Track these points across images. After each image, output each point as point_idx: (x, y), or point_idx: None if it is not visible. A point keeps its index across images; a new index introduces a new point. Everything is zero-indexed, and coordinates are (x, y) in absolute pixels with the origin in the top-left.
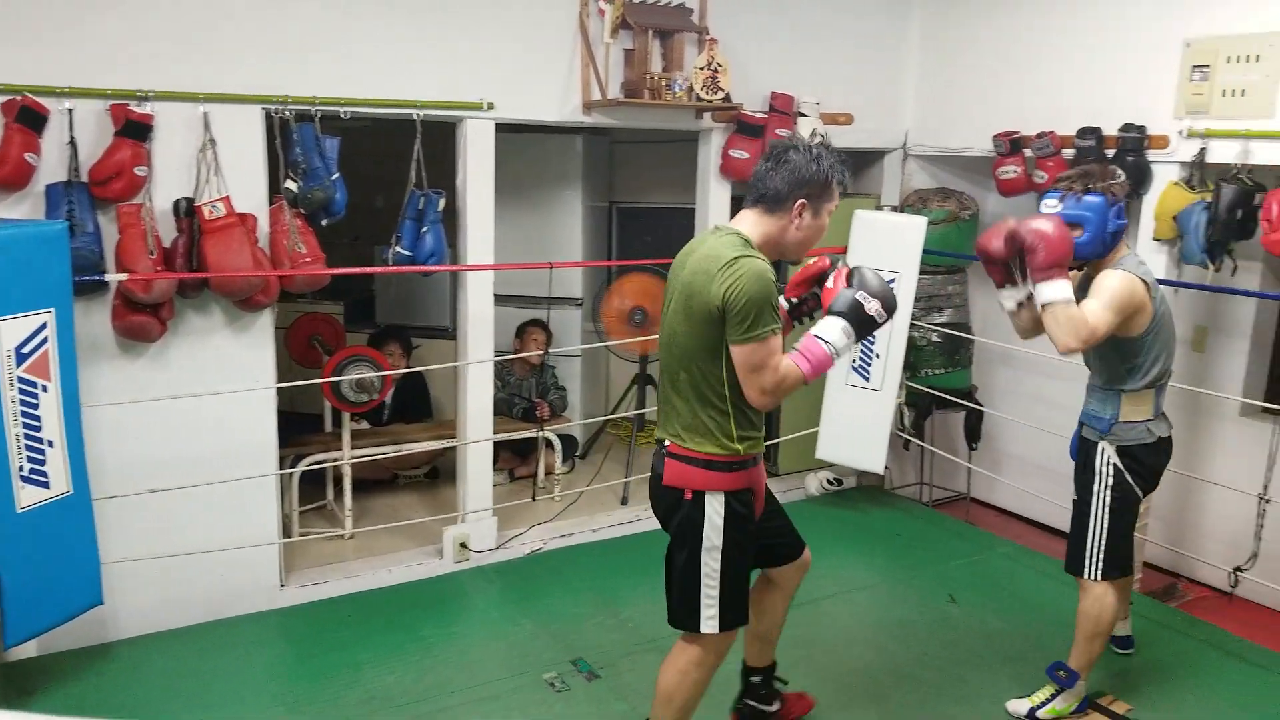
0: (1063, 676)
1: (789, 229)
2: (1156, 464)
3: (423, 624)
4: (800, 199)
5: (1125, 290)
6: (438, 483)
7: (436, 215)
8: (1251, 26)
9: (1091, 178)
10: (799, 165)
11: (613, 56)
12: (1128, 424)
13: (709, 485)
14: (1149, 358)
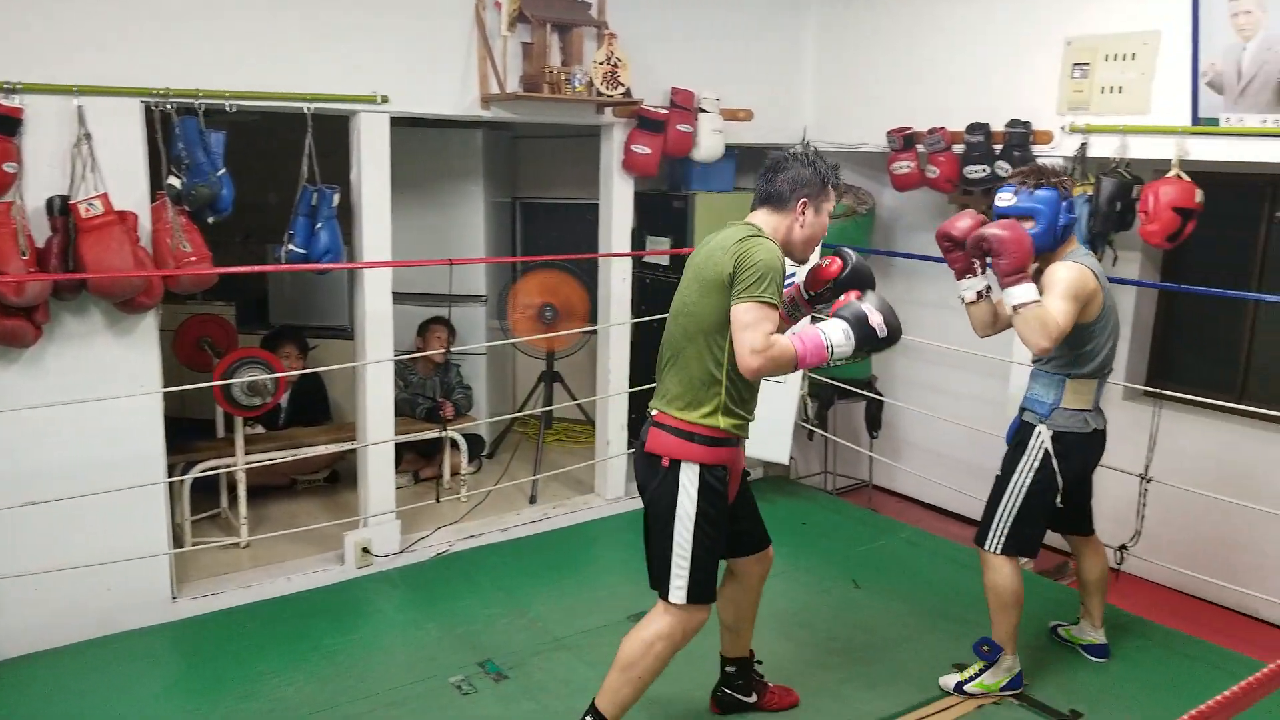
0: (986, 651)
1: (794, 226)
2: (1087, 456)
3: (324, 632)
4: (802, 198)
5: (1078, 280)
6: (338, 487)
7: (331, 211)
8: (1127, 26)
9: (1044, 174)
10: (797, 170)
11: (510, 50)
12: (1068, 411)
13: (686, 455)
14: (1097, 344)
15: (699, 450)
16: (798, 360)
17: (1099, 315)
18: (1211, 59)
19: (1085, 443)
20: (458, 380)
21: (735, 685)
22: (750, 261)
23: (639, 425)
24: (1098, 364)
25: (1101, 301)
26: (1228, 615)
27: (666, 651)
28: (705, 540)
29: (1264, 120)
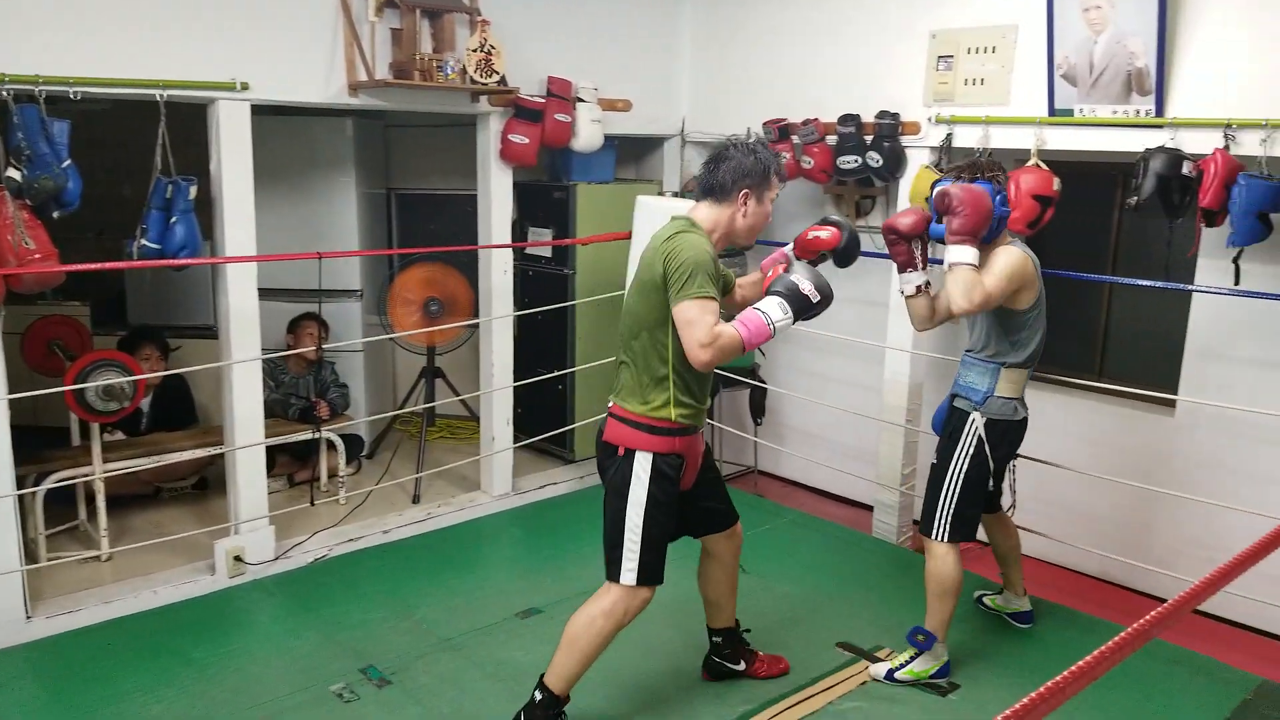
0: (920, 640)
1: (736, 217)
2: (1014, 442)
3: (195, 646)
4: (744, 189)
5: (1018, 264)
6: (207, 493)
7: (187, 204)
8: (987, 20)
9: (979, 168)
10: (740, 160)
11: (379, 36)
12: (1001, 399)
13: (639, 445)
14: (1031, 333)
15: (651, 440)
16: (744, 344)
17: (1034, 304)
18: (1065, 52)
19: (1015, 430)
20: (333, 379)
21: (724, 654)
22: (677, 262)
23: (525, 420)
24: (1030, 353)
25: (1038, 290)
26: (1097, 584)
27: (609, 628)
28: (654, 526)
29: (1114, 111)
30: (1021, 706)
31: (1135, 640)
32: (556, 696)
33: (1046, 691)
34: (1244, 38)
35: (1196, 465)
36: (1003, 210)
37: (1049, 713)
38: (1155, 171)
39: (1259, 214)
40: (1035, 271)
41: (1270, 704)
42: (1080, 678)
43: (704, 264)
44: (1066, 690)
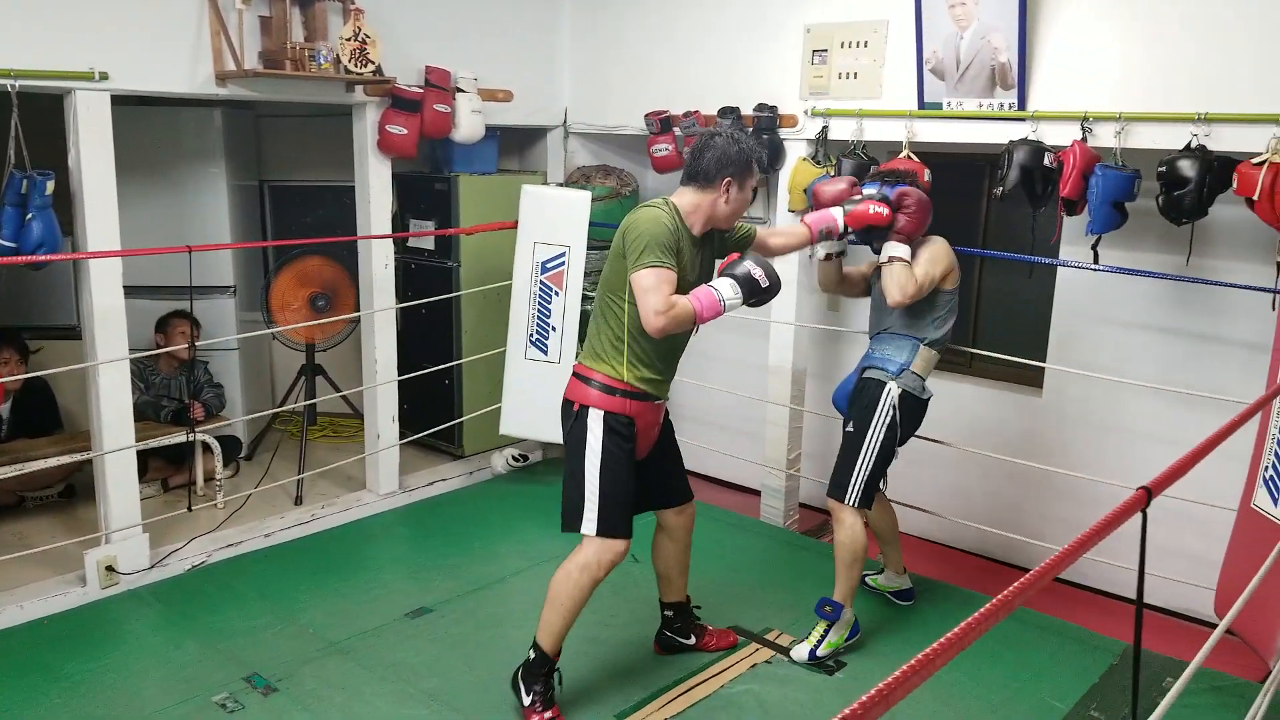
0: (829, 611)
1: (719, 202)
2: (915, 420)
3: (65, 661)
4: (727, 177)
5: (944, 252)
6: (74, 501)
7: (44, 200)
8: (859, 15)
9: (900, 175)
10: (724, 149)
11: (248, 24)
12: (914, 375)
13: (592, 403)
14: (947, 311)
15: (601, 398)
16: (697, 316)
17: (955, 287)
18: (934, 47)
19: (919, 408)
20: (206, 378)
21: (674, 628)
22: (634, 234)
23: (411, 415)
24: (945, 332)
25: (958, 275)
26: (967, 557)
27: (585, 581)
28: (610, 478)
29: (980, 104)
30: (894, 679)
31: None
32: (547, 654)
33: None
34: (1099, 35)
35: (1064, 440)
36: None
37: (919, 684)
38: (1019, 163)
39: (1115, 203)
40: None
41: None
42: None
43: (657, 235)
44: (936, 661)
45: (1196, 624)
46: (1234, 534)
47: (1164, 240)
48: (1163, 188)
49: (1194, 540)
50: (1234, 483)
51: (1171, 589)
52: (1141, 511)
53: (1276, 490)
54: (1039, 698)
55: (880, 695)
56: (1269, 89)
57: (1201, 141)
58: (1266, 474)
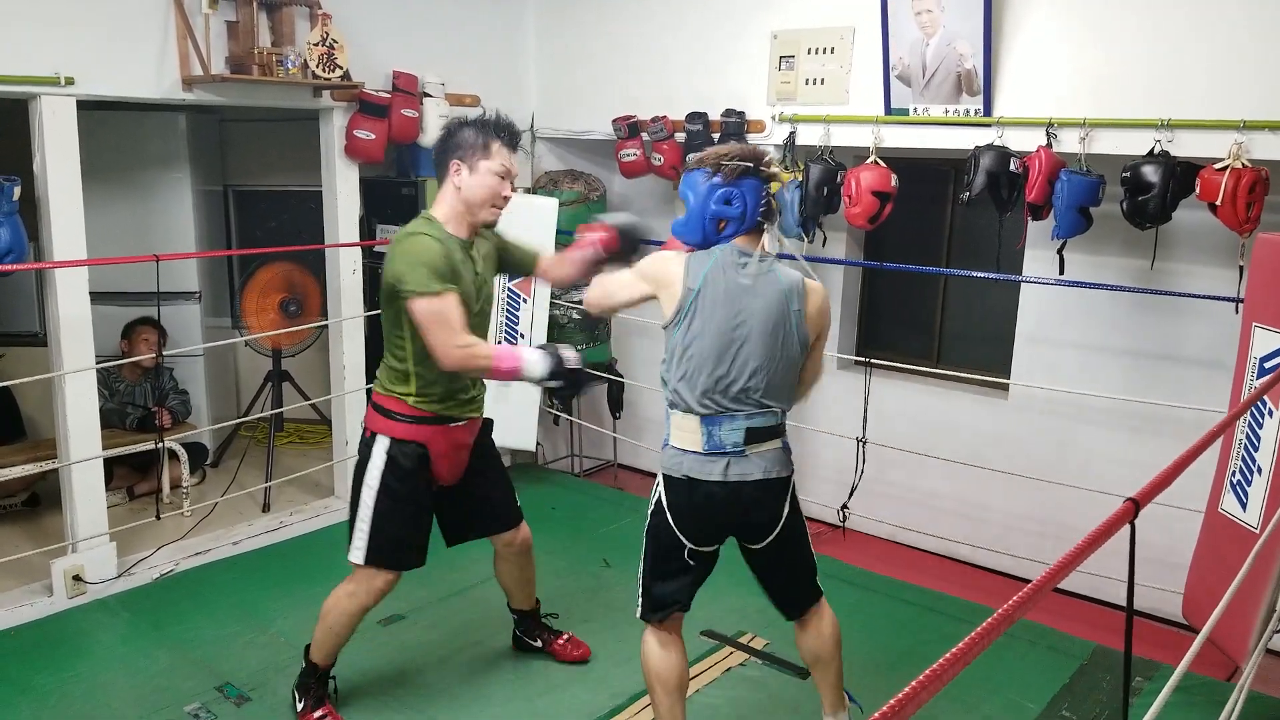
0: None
1: (456, 191)
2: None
3: (33, 672)
4: (454, 159)
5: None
6: (39, 510)
7: (11, 206)
8: (826, 21)
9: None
10: (448, 133)
11: (215, 29)
12: (672, 450)
13: (378, 429)
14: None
15: (387, 424)
16: (490, 367)
17: (677, 319)
18: (900, 54)
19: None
20: (172, 385)
21: (521, 630)
22: (401, 265)
23: None
24: (685, 389)
25: (675, 297)
26: (938, 560)
27: (353, 607)
28: (384, 509)
29: (946, 110)
30: (905, 695)
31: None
32: (316, 665)
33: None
34: (1063, 42)
35: (1028, 446)
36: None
37: (929, 699)
38: (985, 168)
39: (1080, 208)
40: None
41: (1104, 669)
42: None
43: (424, 262)
44: (944, 676)
45: (1159, 623)
46: (1201, 538)
47: (1129, 244)
48: (1127, 193)
49: (1158, 542)
50: (1195, 484)
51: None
52: (1130, 523)
53: (1244, 495)
54: (1010, 699)
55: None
56: (1230, 96)
57: (1165, 147)
58: (1234, 479)
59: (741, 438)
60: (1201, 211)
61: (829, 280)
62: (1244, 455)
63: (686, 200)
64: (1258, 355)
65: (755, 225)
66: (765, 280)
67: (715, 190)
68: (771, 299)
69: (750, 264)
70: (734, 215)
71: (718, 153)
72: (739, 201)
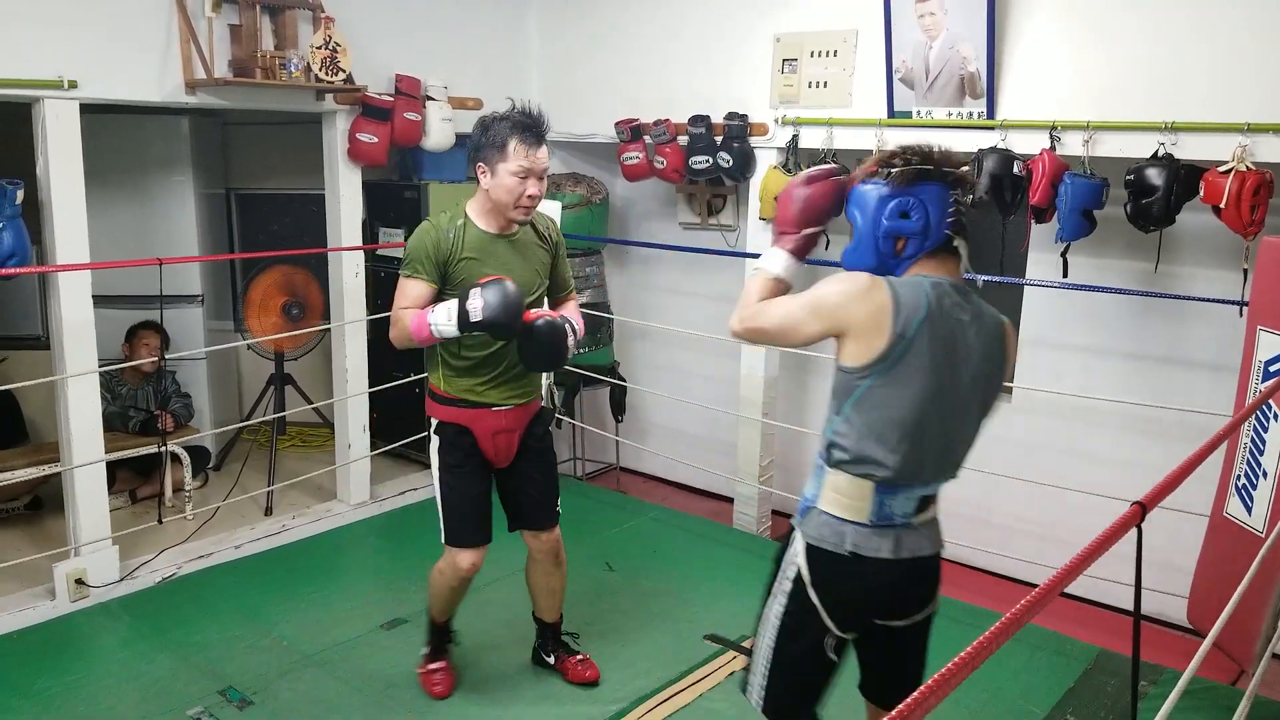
0: None
1: (484, 193)
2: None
3: (36, 676)
4: (479, 163)
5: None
6: (42, 514)
7: (14, 209)
8: (829, 24)
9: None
10: (473, 136)
11: (218, 32)
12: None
13: (430, 412)
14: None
15: (435, 408)
16: (409, 332)
17: (874, 363)
18: (903, 57)
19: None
20: (174, 388)
21: (540, 644)
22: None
23: (381, 425)
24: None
25: (883, 346)
26: (941, 563)
27: (440, 584)
28: (447, 489)
29: (949, 113)
30: (914, 699)
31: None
32: (433, 619)
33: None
34: (1066, 44)
35: (1031, 449)
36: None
37: (936, 705)
38: (988, 171)
39: (1083, 210)
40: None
41: (1108, 673)
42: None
43: (414, 248)
44: (952, 680)
45: (1165, 627)
46: (1206, 542)
47: (1132, 247)
48: (1131, 196)
49: (1163, 546)
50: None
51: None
52: (1137, 527)
53: (1249, 499)
54: (1014, 703)
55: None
56: (1233, 98)
57: (1168, 150)
58: (1239, 482)
59: (914, 507)
60: (1205, 214)
61: None
62: (1249, 459)
63: (855, 222)
64: (1262, 359)
65: (944, 241)
66: (981, 319)
67: (886, 202)
68: (988, 343)
69: (963, 301)
70: (914, 230)
71: (883, 155)
72: (918, 212)
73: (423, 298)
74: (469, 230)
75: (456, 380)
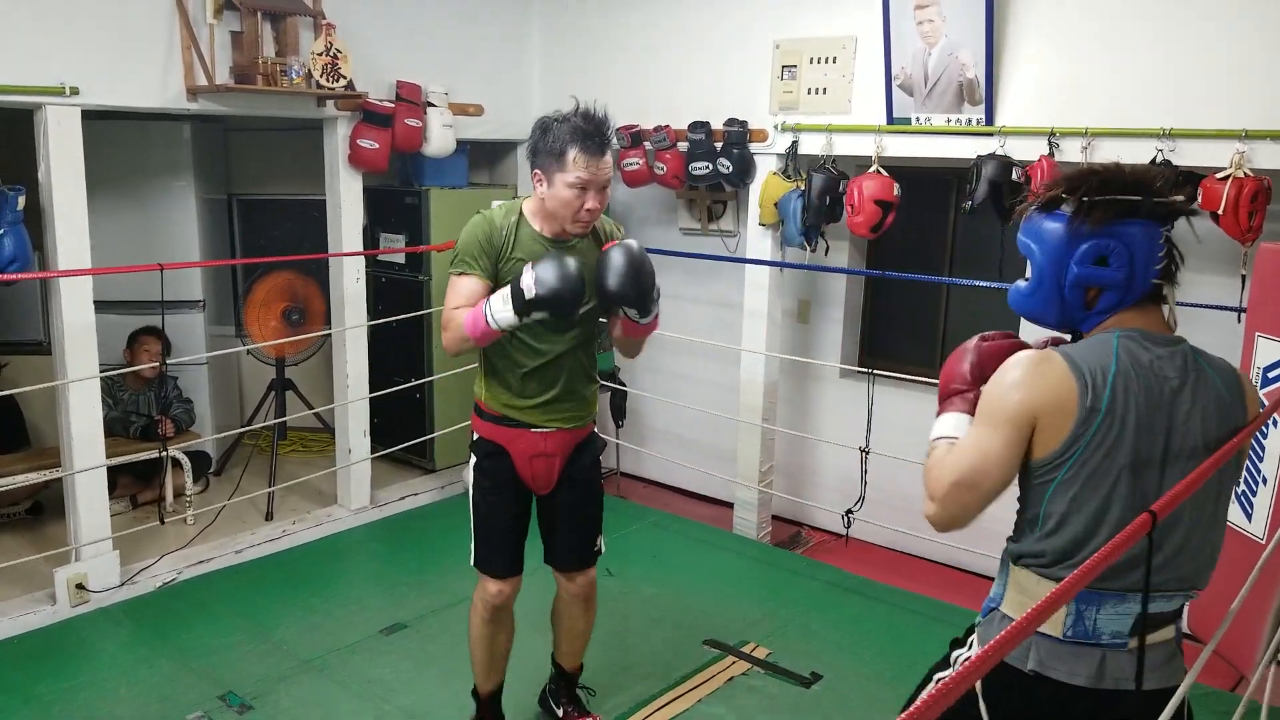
0: None
1: (540, 201)
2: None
3: (36, 681)
4: (535, 170)
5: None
6: (43, 518)
7: (16, 215)
8: (828, 31)
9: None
10: (533, 139)
11: (219, 39)
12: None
13: (473, 425)
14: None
15: (477, 423)
16: (465, 333)
17: (1064, 456)
18: (902, 63)
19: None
20: (175, 393)
21: (552, 690)
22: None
23: (382, 430)
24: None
25: (1071, 434)
26: (941, 569)
27: (475, 620)
28: (480, 510)
29: (948, 120)
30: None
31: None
32: (476, 690)
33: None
34: (1065, 51)
35: None
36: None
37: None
38: (987, 177)
39: None
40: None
41: None
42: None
43: (464, 243)
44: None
45: None
46: None
47: None
48: None
49: None
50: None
51: None
52: (1148, 535)
53: (1249, 506)
54: None
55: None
56: (1231, 105)
57: (1166, 156)
58: (1239, 490)
59: (1128, 626)
60: (1204, 220)
61: (832, 290)
62: (1249, 466)
63: (1031, 256)
64: (1261, 365)
65: (1149, 290)
66: (1198, 378)
67: (1077, 242)
68: (1211, 408)
69: (1169, 354)
70: (1114, 281)
71: (1076, 178)
72: (1120, 259)
73: (475, 294)
74: (523, 229)
75: (501, 394)
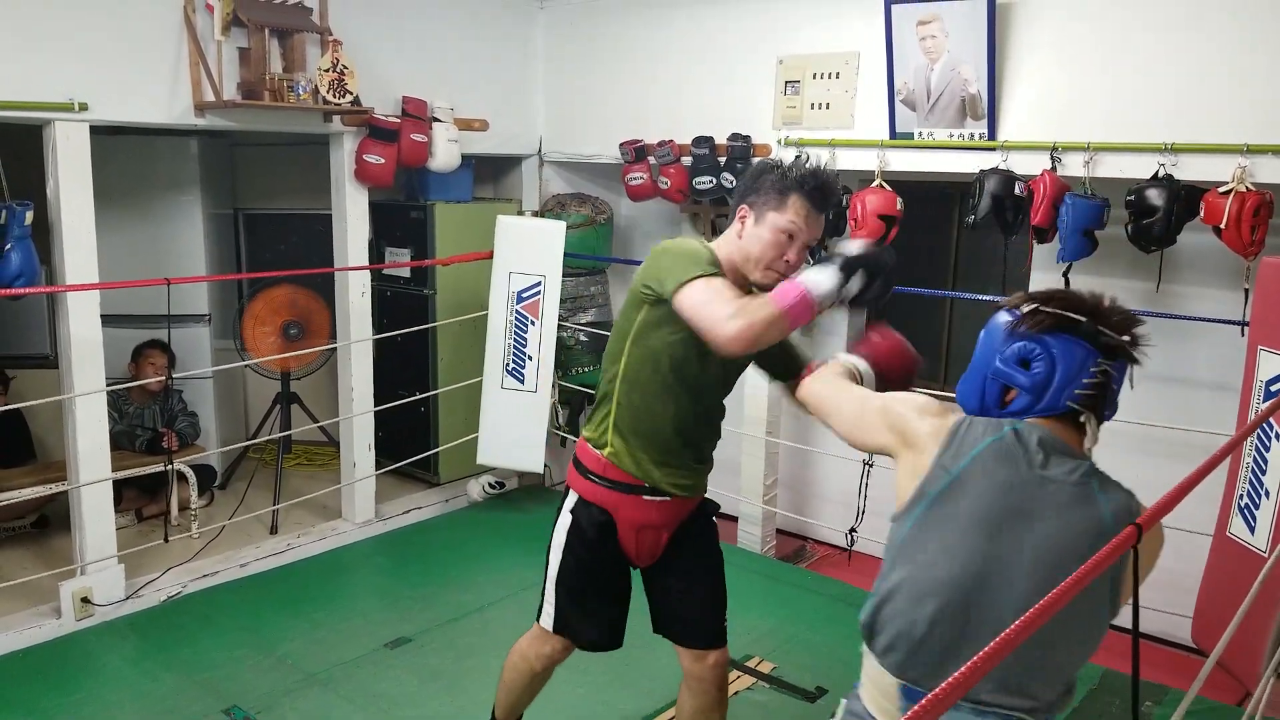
0: None
1: (739, 240)
2: None
3: (41, 695)
4: (743, 205)
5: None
6: (49, 532)
7: (24, 230)
8: (831, 47)
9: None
10: (753, 171)
11: (227, 55)
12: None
13: (571, 483)
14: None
15: (577, 480)
16: (782, 313)
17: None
18: (904, 78)
19: None
20: (180, 407)
21: None
22: (664, 260)
23: (387, 444)
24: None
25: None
26: None
27: (523, 668)
28: (567, 578)
29: (951, 134)
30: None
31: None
32: (494, 714)
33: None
34: (1067, 66)
35: None
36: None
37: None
38: (990, 192)
39: (1085, 231)
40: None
41: (1112, 693)
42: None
43: (692, 255)
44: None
45: (1169, 647)
46: (1210, 561)
47: (1134, 267)
48: (1132, 216)
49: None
50: (1205, 508)
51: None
52: (1133, 548)
53: (1252, 519)
54: None
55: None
56: (1233, 119)
57: (1169, 171)
58: (1241, 502)
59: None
60: (1206, 235)
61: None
62: (1251, 479)
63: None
64: (1263, 378)
65: (1067, 412)
66: (1073, 494)
67: (1011, 342)
68: (1075, 528)
69: (1056, 462)
70: (1026, 384)
71: (1045, 291)
72: (1042, 364)
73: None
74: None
75: (627, 439)
